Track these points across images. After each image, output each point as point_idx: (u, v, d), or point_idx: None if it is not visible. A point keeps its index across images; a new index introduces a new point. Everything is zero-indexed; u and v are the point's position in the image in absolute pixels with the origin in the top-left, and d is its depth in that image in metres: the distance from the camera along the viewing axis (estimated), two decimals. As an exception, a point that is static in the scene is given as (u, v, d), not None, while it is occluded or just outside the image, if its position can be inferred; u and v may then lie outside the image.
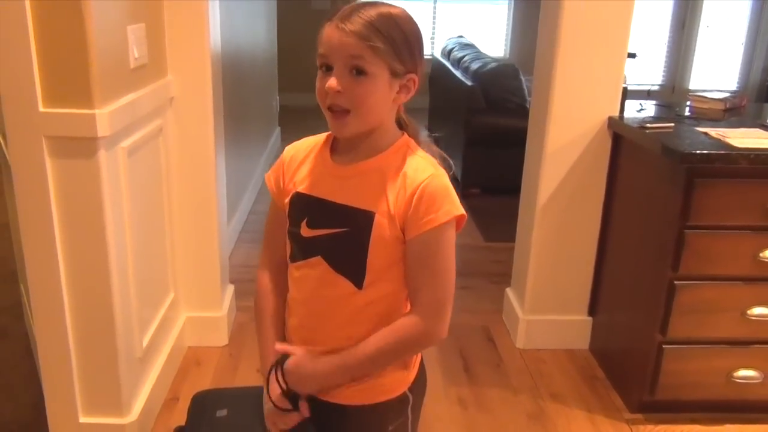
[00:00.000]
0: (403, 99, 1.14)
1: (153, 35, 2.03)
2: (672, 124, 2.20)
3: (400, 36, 1.08)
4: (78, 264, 1.74)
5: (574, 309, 2.57)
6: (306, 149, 1.24)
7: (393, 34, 1.07)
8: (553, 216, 2.44)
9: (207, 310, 2.50)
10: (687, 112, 2.47)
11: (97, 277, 1.76)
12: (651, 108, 2.53)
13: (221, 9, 2.45)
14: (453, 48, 5.26)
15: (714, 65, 7.22)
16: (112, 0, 1.72)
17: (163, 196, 2.22)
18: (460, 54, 4.96)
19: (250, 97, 4.00)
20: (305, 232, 1.17)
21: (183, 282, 2.43)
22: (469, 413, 2.21)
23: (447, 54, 5.30)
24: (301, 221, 1.18)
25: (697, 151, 1.89)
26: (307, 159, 1.22)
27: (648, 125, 2.16)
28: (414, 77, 1.12)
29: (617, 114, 2.33)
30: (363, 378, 1.19)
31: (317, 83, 1.10)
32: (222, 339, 2.54)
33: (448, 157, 1.20)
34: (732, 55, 7.20)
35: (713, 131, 2.10)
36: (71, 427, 1.87)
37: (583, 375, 2.43)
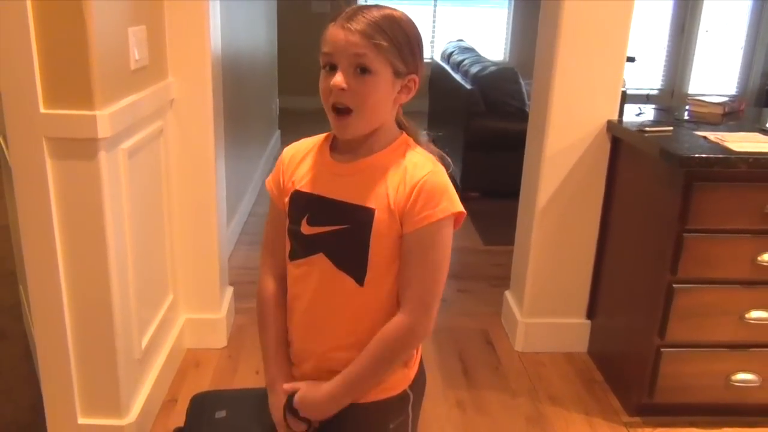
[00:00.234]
0: (404, 99, 1.16)
1: (154, 37, 2.04)
2: (671, 128, 2.21)
3: (402, 36, 1.10)
4: (77, 265, 1.74)
5: (572, 312, 2.57)
6: (305, 149, 1.25)
7: (396, 34, 1.09)
8: (552, 219, 2.45)
9: (206, 311, 2.50)
10: (686, 116, 2.47)
11: (97, 279, 1.76)
12: (650, 112, 2.53)
13: (222, 11, 2.46)
14: (453, 51, 5.27)
15: (713, 69, 7.24)
16: (113, 1, 1.72)
17: (163, 197, 2.22)
18: (459, 57, 4.97)
19: (250, 100, 4.01)
20: (306, 229, 1.18)
21: (182, 283, 2.43)
22: (468, 416, 2.21)
23: (447, 57, 5.32)
24: (302, 219, 1.19)
25: (696, 155, 1.90)
26: (307, 158, 1.23)
27: (647, 129, 2.17)
28: (415, 78, 1.14)
29: (616, 118, 2.33)
30: (369, 390, 1.20)
31: (321, 82, 1.12)
32: (221, 341, 2.54)
33: (446, 156, 1.21)
34: (731, 60, 7.22)
35: (712, 135, 2.10)
36: (70, 429, 1.87)
37: (582, 378, 2.44)
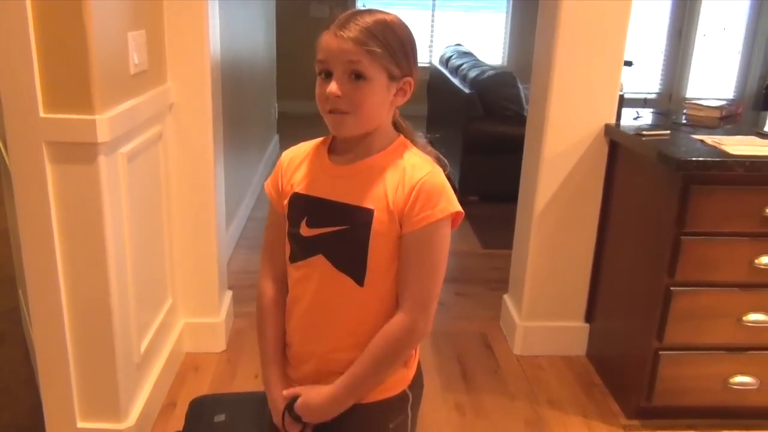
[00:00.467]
0: (400, 101, 1.17)
1: (153, 42, 2.05)
2: (668, 131, 2.22)
3: (395, 41, 1.11)
4: (77, 269, 1.75)
5: (571, 315, 2.58)
6: (303, 153, 1.26)
7: (389, 39, 1.10)
8: (551, 223, 2.46)
9: (205, 316, 2.51)
10: (683, 119, 2.48)
11: (96, 283, 1.76)
12: (647, 116, 2.54)
13: (221, 16, 2.47)
14: (451, 56, 5.29)
15: (711, 73, 7.26)
16: (112, 6, 1.73)
17: (162, 201, 2.22)
18: (458, 62, 4.98)
19: (249, 104, 4.02)
20: (305, 231, 1.19)
21: (181, 288, 2.44)
22: (467, 420, 2.21)
23: (445, 62, 5.33)
24: (301, 221, 1.19)
25: (693, 159, 1.91)
26: (305, 161, 1.24)
27: (644, 133, 2.18)
28: (410, 80, 1.16)
29: (614, 122, 2.34)
30: (370, 391, 1.21)
31: (317, 89, 1.13)
32: (220, 345, 2.54)
33: (443, 157, 1.22)
34: (729, 64, 7.24)
35: (709, 138, 2.11)
36: (69, 433, 1.88)
37: (581, 381, 2.44)
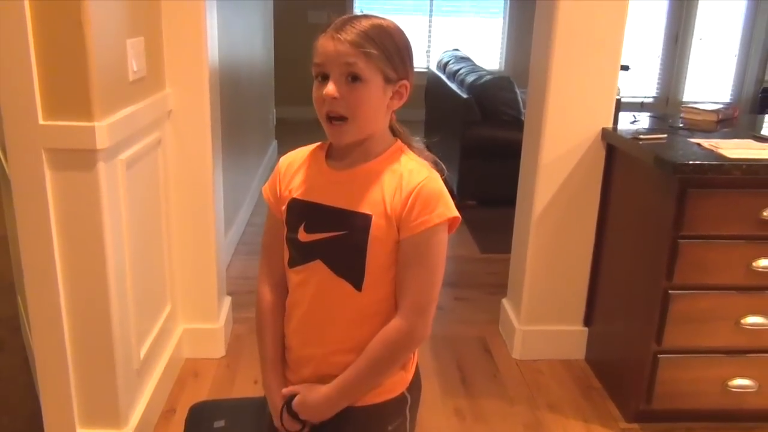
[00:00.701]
0: (396, 105, 1.18)
1: (152, 48, 2.05)
2: (665, 135, 2.23)
3: (391, 44, 1.12)
4: (76, 276, 1.75)
5: (570, 319, 2.58)
6: (301, 158, 1.27)
7: (385, 42, 1.11)
8: (549, 227, 2.46)
9: (204, 321, 2.51)
10: (680, 123, 2.49)
11: (95, 289, 1.77)
12: (644, 119, 2.55)
13: (219, 22, 2.48)
14: (449, 61, 5.30)
15: (707, 77, 7.29)
16: (111, 14, 1.74)
17: (161, 207, 2.23)
18: (455, 67, 5.00)
19: (247, 110, 4.02)
20: (303, 237, 1.19)
21: (180, 294, 2.44)
22: (467, 424, 2.21)
23: (443, 67, 5.34)
24: (299, 226, 1.20)
25: (690, 162, 1.91)
26: (303, 167, 1.25)
27: (641, 136, 2.18)
28: (406, 83, 1.16)
29: (611, 126, 2.35)
30: (367, 393, 1.21)
31: (314, 92, 1.14)
32: (219, 350, 2.54)
33: (440, 162, 1.22)
34: (725, 67, 7.27)
35: (706, 142, 2.12)
36: (68, 439, 1.88)
37: (580, 385, 2.44)
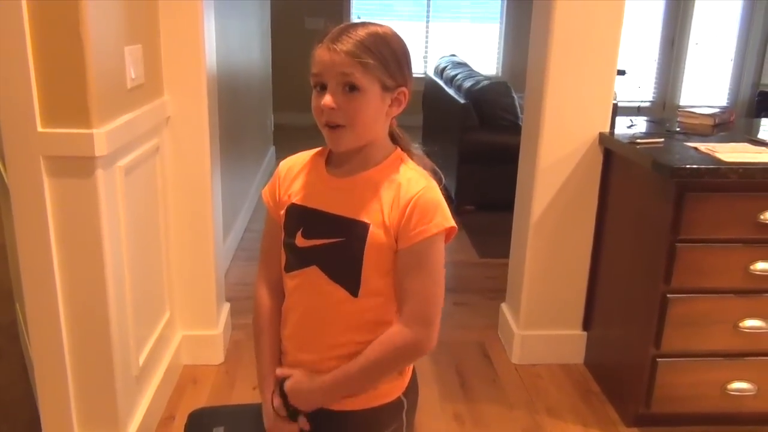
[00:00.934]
0: (395, 112, 1.18)
1: (150, 56, 2.06)
2: (662, 139, 2.23)
3: (388, 52, 1.12)
4: (75, 283, 1.75)
5: (568, 324, 2.58)
6: (301, 163, 1.27)
7: (381, 50, 1.11)
8: (547, 231, 2.47)
9: (203, 328, 2.50)
10: (677, 127, 2.50)
11: (94, 296, 1.77)
12: (641, 124, 2.56)
13: (216, 29, 2.48)
14: (446, 66, 5.31)
15: (704, 81, 7.31)
16: (109, 21, 1.75)
17: (160, 214, 2.23)
18: (453, 72, 5.01)
19: (245, 117, 4.03)
20: (300, 242, 1.20)
21: (179, 300, 2.44)
22: (466, 429, 2.21)
23: (440, 72, 5.36)
24: (297, 232, 1.20)
25: (687, 166, 1.92)
26: (302, 172, 1.25)
27: (638, 141, 2.19)
28: (404, 90, 1.16)
29: (608, 130, 2.36)
30: (360, 392, 1.21)
31: (313, 102, 1.14)
32: (218, 357, 2.54)
33: (439, 170, 1.23)
34: (721, 71, 7.29)
35: (703, 146, 2.13)
36: (67, 447, 1.87)
37: (579, 389, 2.44)
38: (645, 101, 7.28)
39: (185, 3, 2.17)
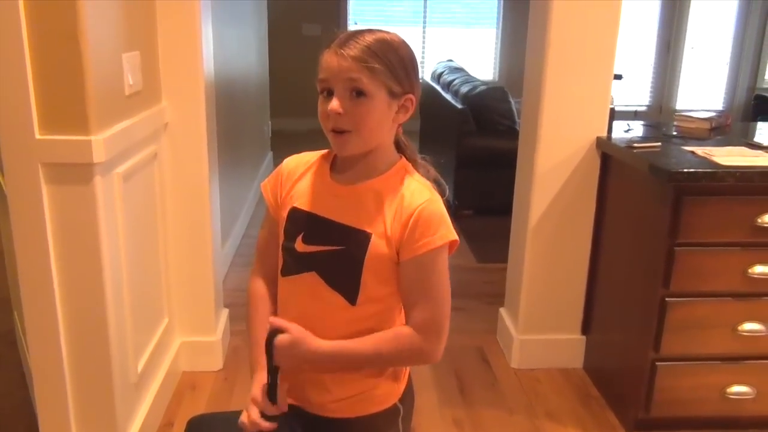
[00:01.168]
0: (402, 119, 1.18)
1: (147, 62, 2.06)
2: (659, 143, 2.24)
3: (395, 58, 1.12)
4: (73, 290, 1.74)
5: (567, 328, 2.58)
6: (305, 164, 1.26)
7: (389, 56, 1.11)
8: (545, 236, 2.47)
9: (201, 334, 2.50)
10: (674, 131, 2.51)
11: (93, 303, 1.76)
12: (638, 128, 2.56)
13: (214, 36, 2.49)
14: (443, 72, 5.32)
15: (700, 85, 7.34)
16: (107, 28, 1.75)
17: (158, 221, 2.23)
18: (449, 77, 5.02)
19: (242, 122, 4.03)
20: (300, 247, 1.19)
21: (177, 307, 2.43)
22: (466, 434, 2.21)
23: (437, 78, 5.37)
24: (297, 236, 1.20)
25: (684, 170, 1.92)
26: (306, 174, 1.25)
27: (636, 145, 2.20)
28: (411, 97, 1.16)
29: (605, 134, 2.36)
30: (351, 371, 1.20)
31: (319, 107, 1.14)
32: (217, 363, 2.53)
33: (443, 182, 1.23)
34: (717, 75, 7.32)
35: (700, 150, 2.13)
36: (66, 455, 1.86)
37: (578, 394, 2.44)
38: (641, 105, 7.30)
39: (183, 10, 2.18)
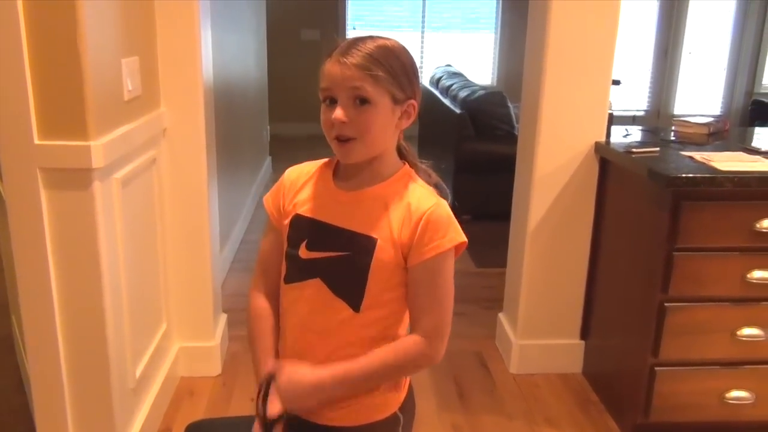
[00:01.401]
0: (405, 125, 1.19)
1: (146, 68, 2.06)
2: (657, 148, 2.24)
3: (397, 64, 1.13)
4: (71, 295, 1.74)
5: (566, 333, 2.58)
6: (307, 173, 1.26)
7: (391, 63, 1.12)
8: (544, 241, 2.47)
9: (200, 339, 2.50)
10: (672, 136, 2.51)
11: (91, 308, 1.76)
12: (637, 133, 2.57)
13: (213, 41, 2.49)
14: (441, 77, 5.33)
15: (697, 90, 7.35)
16: (106, 33, 1.75)
17: (156, 226, 2.23)
18: (448, 82, 5.03)
19: (241, 127, 4.03)
20: (304, 254, 1.19)
21: (176, 312, 2.43)
22: (464, 439, 2.20)
23: (435, 82, 5.37)
24: (301, 243, 1.20)
25: (683, 175, 1.93)
26: (309, 182, 1.25)
27: (634, 150, 2.20)
28: (414, 103, 1.17)
29: (604, 139, 2.37)
30: (360, 392, 1.19)
31: (322, 116, 1.14)
32: (215, 369, 2.52)
33: (445, 186, 1.23)
34: (715, 81, 7.34)
35: (698, 155, 2.14)
36: (64, 461, 1.86)
37: (577, 399, 2.44)
38: (640, 110, 7.32)
39: (182, 15, 2.18)
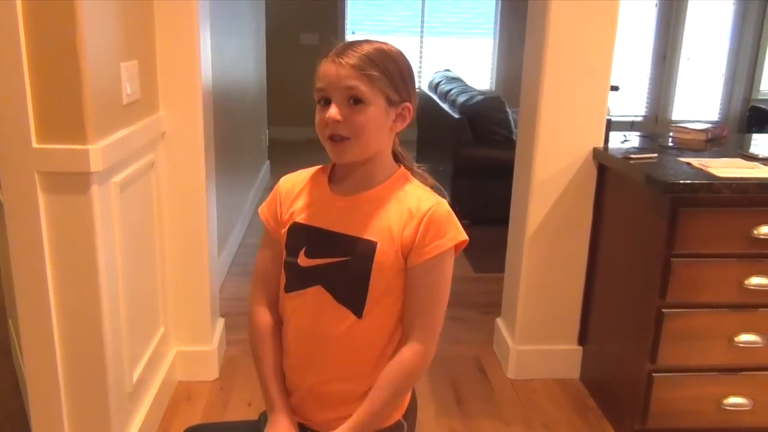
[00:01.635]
0: (400, 127, 1.19)
1: (145, 71, 2.06)
2: (655, 154, 2.24)
3: (393, 66, 1.13)
4: (69, 299, 1.74)
5: (564, 338, 2.58)
6: (302, 181, 1.26)
7: (387, 65, 1.12)
8: (542, 246, 2.47)
9: (197, 344, 2.49)
10: (670, 142, 2.52)
11: (88, 312, 1.75)
12: (635, 139, 2.57)
13: (212, 45, 2.49)
14: (440, 81, 5.34)
15: (695, 96, 7.37)
16: (105, 37, 1.75)
17: (155, 230, 2.22)
18: (447, 87, 5.03)
19: (240, 131, 4.03)
20: (303, 261, 1.19)
21: (173, 316, 2.42)
22: (462, 445, 2.20)
23: (434, 87, 5.38)
24: (299, 251, 1.19)
25: (681, 181, 1.93)
26: (304, 190, 1.24)
27: (632, 156, 2.20)
28: (409, 106, 1.17)
29: (602, 145, 2.37)
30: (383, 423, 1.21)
31: (317, 116, 1.14)
32: (212, 373, 2.52)
33: (441, 188, 1.24)
34: (713, 87, 7.35)
35: (696, 161, 2.14)
36: (60, 465, 1.85)
37: (575, 405, 2.43)
38: (638, 116, 7.33)
39: (181, 19, 2.18)
